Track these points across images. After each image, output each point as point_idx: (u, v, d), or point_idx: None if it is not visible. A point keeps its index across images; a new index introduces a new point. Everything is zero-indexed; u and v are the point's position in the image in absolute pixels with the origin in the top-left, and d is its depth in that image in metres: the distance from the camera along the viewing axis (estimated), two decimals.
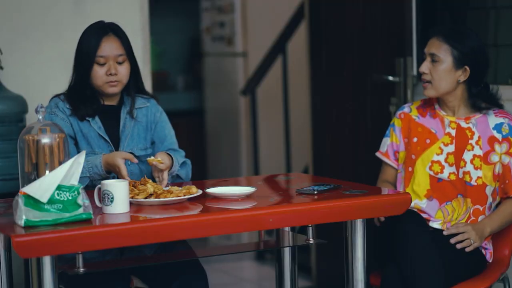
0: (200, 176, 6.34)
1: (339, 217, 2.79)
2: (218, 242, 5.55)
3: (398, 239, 3.06)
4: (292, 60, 5.67)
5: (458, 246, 3.13)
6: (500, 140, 3.24)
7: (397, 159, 3.40)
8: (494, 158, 3.24)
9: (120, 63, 3.17)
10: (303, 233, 3.01)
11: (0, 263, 2.68)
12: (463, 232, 3.15)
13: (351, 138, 4.32)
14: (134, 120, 3.24)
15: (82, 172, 2.96)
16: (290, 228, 3.09)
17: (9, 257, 2.69)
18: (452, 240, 3.13)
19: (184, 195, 2.77)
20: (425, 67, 3.27)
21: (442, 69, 3.23)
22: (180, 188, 2.83)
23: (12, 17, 3.94)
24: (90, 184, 3.06)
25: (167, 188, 2.84)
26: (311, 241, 2.93)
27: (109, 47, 3.16)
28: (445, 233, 3.16)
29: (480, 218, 3.24)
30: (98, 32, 3.19)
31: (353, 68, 4.31)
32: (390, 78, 3.95)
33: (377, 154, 3.45)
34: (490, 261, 3.28)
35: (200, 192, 2.83)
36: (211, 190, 2.87)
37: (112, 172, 3.07)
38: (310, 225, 2.90)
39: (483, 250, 3.25)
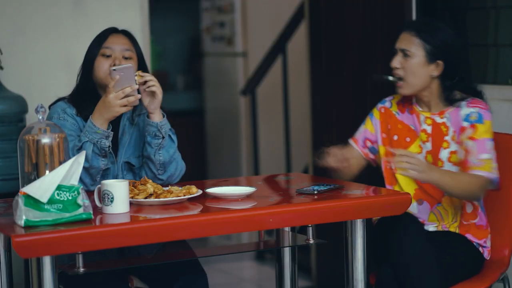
0: (200, 176, 6.35)
1: (339, 217, 2.79)
2: (218, 242, 5.55)
3: (393, 241, 3.03)
4: (292, 60, 5.67)
5: (394, 162, 2.96)
6: (467, 127, 3.16)
7: (365, 147, 3.35)
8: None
9: (126, 59, 3.13)
10: (303, 233, 3.01)
11: (0, 263, 2.68)
12: (412, 157, 2.98)
13: None
14: (133, 127, 3.20)
15: (81, 140, 2.97)
16: (290, 228, 3.09)
17: (9, 257, 2.69)
18: (392, 151, 2.95)
19: (184, 195, 2.77)
20: (397, 61, 3.21)
21: (414, 64, 3.18)
22: (180, 188, 2.83)
23: (12, 17, 3.95)
24: (97, 151, 3.00)
25: (167, 188, 2.84)
26: (311, 241, 2.92)
27: (116, 40, 3.12)
28: (391, 150, 2.97)
29: (468, 209, 3.20)
30: (108, 30, 3.17)
31: (353, 68, 4.31)
32: (390, 78, 3.94)
33: (349, 140, 3.40)
34: (488, 258, 3.26)
35: (200, 192, 2.83)
36: (211, 190, 2.87)
37: (108, 127, 3.02)
38: (310, 225, 2.90)
39: (480, 248, 3.23)
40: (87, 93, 3.14)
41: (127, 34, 3.18)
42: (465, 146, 3.15)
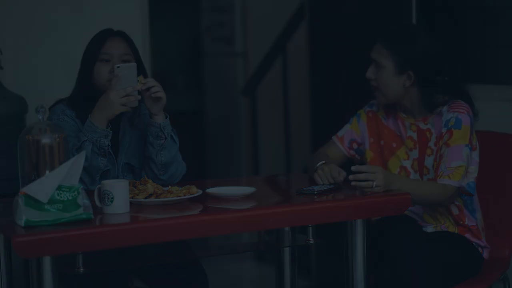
0: (200, 176, 6.35)
1: (339, 217, 2.79)
2: (218, 242, 5.54)
3: (391, 242, 3.01)
4: (292, 60, 5.67)
5: (353, 184, 2.89)
6: (444, 133, 3.11)
7: (351, 149, 3.32)
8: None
9: (125, 62, 3.11)
10: (303, 233, 3.01)
11: (0, 263, 2.68)
12: (373, 173, 2.88)
13: None
14: (134, 128, 3.18)
15: (80, 139, 2.96)
16: (290, 228, 3.09)
17: (9, 257, 2.69)
18: (351, 177, 2.89)
19: (184, 195, 2.77)
20: (370, 72, 3.17)
21: (385, 75, 3.13)
22: (180, 188, 2.83)
23: (12, 17, 3.95)
24: (96, 150, 2.99)
25: (167, 188, 2.84)
26: (311, 241, 2.93)
27: (114, 45, 3.10)
28: (353, 168, 2.91)
29: (455, 211, 3.19)
30: (104, 32, 3.15)
31: (353, 68, 4.31)
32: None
33: (333, 137, 3.36)
34: (487, 258, 3.25)
35: (200, 192, 2.83)
36: (211, 190, 2.87)
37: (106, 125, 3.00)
38: (310, 225, 2.90)
39: (480, 248, 3.23)
40: (86, 98, 3.12)
41: (123, 36, 3.16)
42: (440, 153, 3.11)
